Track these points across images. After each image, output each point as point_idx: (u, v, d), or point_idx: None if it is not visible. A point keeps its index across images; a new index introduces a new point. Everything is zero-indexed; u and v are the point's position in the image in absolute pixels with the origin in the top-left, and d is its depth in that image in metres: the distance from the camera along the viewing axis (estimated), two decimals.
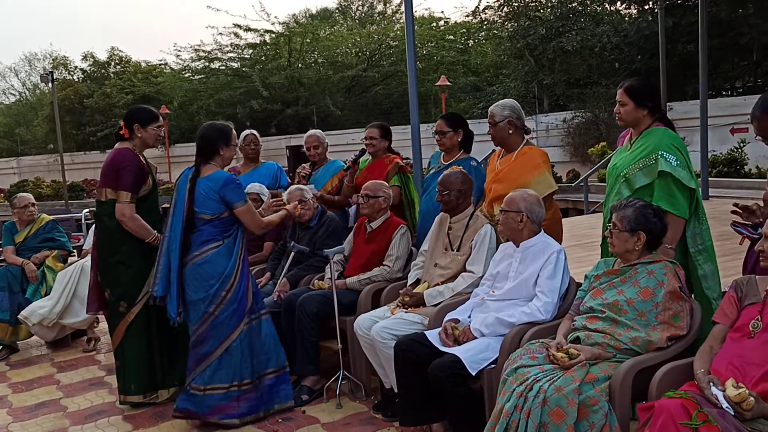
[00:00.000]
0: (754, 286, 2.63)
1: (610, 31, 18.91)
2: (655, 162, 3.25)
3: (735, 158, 13.38)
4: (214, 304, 3.77)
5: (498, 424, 2.73)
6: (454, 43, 28.47)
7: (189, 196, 3.74)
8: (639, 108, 3.36)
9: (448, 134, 4.43)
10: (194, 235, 3.76)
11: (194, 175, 3.80)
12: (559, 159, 17.50)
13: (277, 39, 26.82)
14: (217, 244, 3.78)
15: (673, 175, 3.19)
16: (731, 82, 20.47)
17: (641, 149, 3.35)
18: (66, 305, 5.61)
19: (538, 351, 2.99)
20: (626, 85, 3.42)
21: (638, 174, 3.32)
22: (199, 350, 3.82)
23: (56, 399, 4.59)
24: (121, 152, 4.12)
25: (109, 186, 4.09)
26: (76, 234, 9.80)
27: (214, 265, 3.76)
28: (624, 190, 3.38)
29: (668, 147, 3.26)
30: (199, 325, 3.80)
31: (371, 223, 4.48)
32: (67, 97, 28.51)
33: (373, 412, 3.94)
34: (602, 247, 3.58)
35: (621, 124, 3.52)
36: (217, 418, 3.83)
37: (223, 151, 3.87)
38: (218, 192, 3.73)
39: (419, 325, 3.70)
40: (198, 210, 3.75)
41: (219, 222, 3.78)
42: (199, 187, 3.76)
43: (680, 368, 2.68)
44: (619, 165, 3.47)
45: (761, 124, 2.69)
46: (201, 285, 3.75)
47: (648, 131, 3.38)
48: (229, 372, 3.81)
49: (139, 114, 4.20)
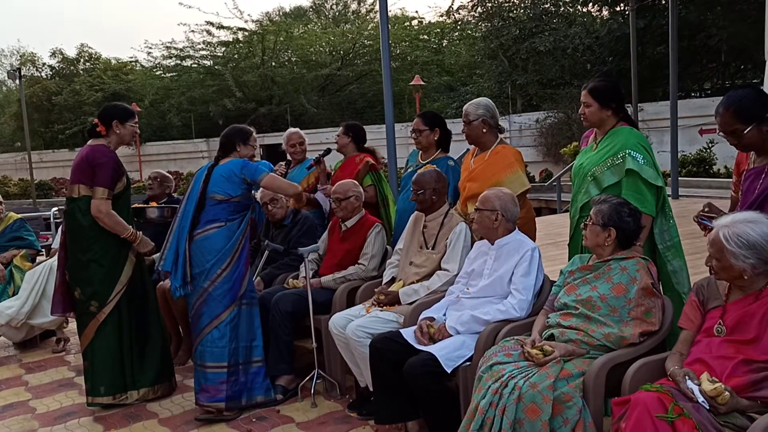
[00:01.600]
0: (714, 288, 2.66)
1: (582, 33, 19.16)
2: (622, 161, 3.30)
3: (704, 158, 13.64)
4: (209, 280, 3.93)
5: (473, 421, 2.74)
6: (428, 43, 28.60)
7: (205, 180, 4.01)
8: (603, 108, 3.42)
9: (424, 133, 4.44)
10: (202, 214, 3.98)
11: (212, 165, 4.10)
12: (532, 159, 17.66)
13: (250, 37, 26.68)
14: (220, 225, 3.96)
15: (640, 173, 3.24)
16: (700, 84, 20.86)
17: (608, 148, 3.39)
18: (34, 305, 5.52)
19: (513, 348, 3.00)
20: (590, 86, 3.46)
21: (606, 173, 3.36)
22: (198, 325, 3.99)
23: (24, 401, 4.50)
24: (97, 148, 4.07)
25: (83, 182, 4.02)
26: (44, 233, 9.66)
27: (213, 242, 3.94)
28: (592, 189, 3.42)
29: (635, 146, 3.31)
30: (197, 299, 3.98)
31: (346, 221, 4.47)
32: (35, 95, 28.04)
33: (348, 411, 3.92)
34: (570, 246, 3.62)
35: (586, 124, 3.58)
36: (204, 399, 3.94)
37: (240, 148, 4.12)
38: (239, 174, 3.97)
39: (394, 324, 3.69)
40: (211, 191, 3.98)
41: (227, 205, 3.98)
42: (219, 171, 4.02)
43: (653, 364, 2.71)
44: (585, 165, 3.51)
45: (723, 119, 2.73)
46: (200, 259, 3.95)
47: (613, 131, 3.43)
48: (216, 351, 3.94)
49: (118, 110, 4.18)
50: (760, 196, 2.72)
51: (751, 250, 2.41)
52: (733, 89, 2.81)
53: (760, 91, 2.78)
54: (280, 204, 4.75)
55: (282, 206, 4.76)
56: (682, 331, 2.71)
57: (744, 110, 2.68)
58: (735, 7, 16.92)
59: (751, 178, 2.81)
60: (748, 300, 2.50)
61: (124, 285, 4.09)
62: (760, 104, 2.68)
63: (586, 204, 3.45)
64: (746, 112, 2.67)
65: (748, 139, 2.70)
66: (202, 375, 3.97)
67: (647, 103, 16.46)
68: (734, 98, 2.72)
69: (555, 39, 19.25)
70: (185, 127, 27.37)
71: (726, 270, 2.49)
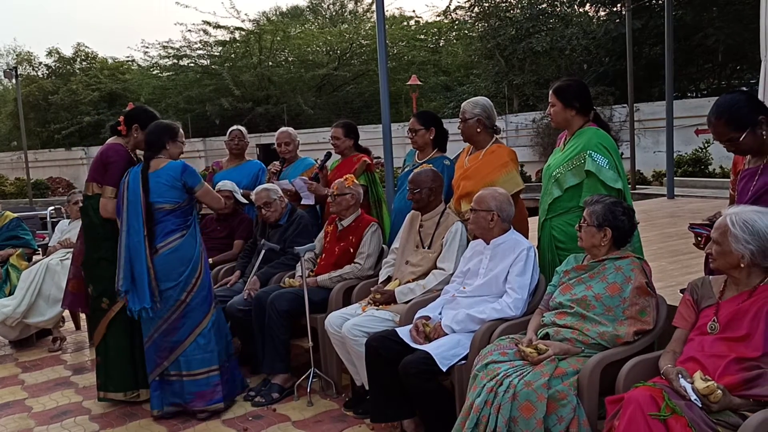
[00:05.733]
0: (708, 287, 2.68)
1: (578, 33, 19.16)
2: (583, 162, 3.31)
3: (700, 158, 13.66)
4: (186, 291, 3.89)
5: (468, 419, 2.76)
6: (425, 43, 28.57)
7: (144, 189, 3.83)
8: (566, 108, 3.44)
9: (420, 132, 4.45)
10: (158, 227, 3.86)
11: (144, 169, 3.90)
12: (529, 159, 17.67)
13: (247, 37, 26.61)
14: (183, 233, 3.91)
15: (598, 175, 3.25)
16: (696, 84, 20.91)
17: (572, 149, 3.42)
18: (31, 304, 5.52)
19: (508, 347, 3.02)
20: (555, 86, 3.49)
21: (568, 174, 3.39)
22: (171, 338, 3.90)
23: (21, 399, 4.50)
24: (112, 147, 4.09)
25: (96, 180, 4.06)
26: (41, 232, 9.63)
27: (184, 251, 3.89)
28: (555, 189, 3.44)
29: (596, 146, 3.33)
30: (171, 313, 3.89)
31: (342, 221, 4.47)
32: (32, 94, 27.91)
33: (344, 410, 3.93)
34: (539, 250, 3.62)
35: (553, 125, 3.60)
36: (203, 404, 3.92)
37: (169, 146, 4.01)
38: (180, 179, 3.87)
39: (390, 323, 3.70)
40: (156, 201, 3.84)
41: (180, 212, 3.91)
42: (157, 178, 3.86)
43: (647, 362, 2.73)
44: (552, 165, 3.54)
45: (716, 129, 2.74)
46: (172, 273, 3.86)
47: (580, 131, 3.46)
48: (206, 357, 3.93)
49: (141, 116, 4.18)
50: (754, 196, 2.73)
51: (753, 236, 2.44)
52: (722, 96, 2.81)
53: (749, 95, 2.80)
54: (273, 207, 4.75)
55: (276, 209, 4.76)
56: (676, 329, 2.73)
57: (736, 118, 2.68)
58: (731, 8, 16.96)
59: (746, 178, 2.83)
60: (741, 297, 2.52)
61: None
62: (750, 109, 2.69)
63: (552, 205, 3.47)
64: (739, 120, 2.68)
65: (745, 144, 2.71)
66: (192, 384, 3.92)
67: (643, 103, 16.48)
68: (724, 107, 2.71)
69: (552, 39, 19.25)
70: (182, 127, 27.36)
71: (724, 256, 2.51)
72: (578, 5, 20.68)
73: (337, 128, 5.07)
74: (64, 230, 6.24)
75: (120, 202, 3.91)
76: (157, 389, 3.96)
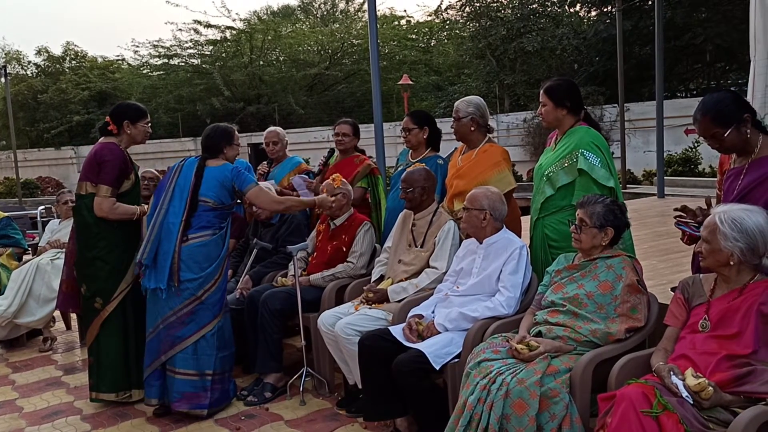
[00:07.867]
0: (699, 286, 2.70)
1: (569, 33, 19.24)
2: (576, 160, 3.33)
3: (689, 158, 13.75)
4: (203, 289, 3.89)
5: (461, 417, 2.77)
6: (416, 43, 28.58)
7: (195, 180, 3.89)
8: (557, 108, 3.46)
9: (413, 131, 4.45)
10: (194, 219, 3.89)
11: (201, 164, 3.96)
12: (520, 158, 17.71)
13: (238, 36, 26.55)
14: (215, 232, 3.95)
15: (590, 174, 3.27)
16: (686, 84, 21.04)
17: (564, 148, 3.43)
18: (21, 304, 5.49)
19: (501, 345, 3.03)
20: (546, 85, 3.51)
21: (560, 173, 3.40)
22: (175, 333, 3.88)
23: (11, 400, 4.48)
24: (106, 146, 4.06)
25: (89, 179, 4.03)
26: (31, 232, 9.58)
27: (210, 249, 3.92)
28: (547, 189, 3.46)
29: (588, 145, 3.34)
30: (183, 306, 3.88)
31: (334, 219, 4.47)
32: (21, 93, 27.71)
33: (336, 408, 3.94)
34: (531, 249, 3.63)
35: (545, 125, 3.62)
36: (186, 407, 3.88)
37: (227, 150, 4.07)
38: (232, 181, 3.93)
39: (383, 321, 3.71)
40: (204, 194, 3.90)
41: (220, 213, 3.96)
42: (211, 174, 3.92)
43: (639, 360, 2.74)
44: (543, 164, 3.56)
45: (702, 126, 2.76)
46: (197, 265, 3.87)
47: (571, 130, 3.48)
48: (203, 359, 3.90)
49: (129, 110, 4.16)
50: (739, 195, 2.76)
51: (742, 234, 2.46)
52: (708, 95, 2.84)
53: (734, 94, 2.83)
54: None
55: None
56: (668, 327, 2.75)
57: (721, 115, 2.71)
58: (720, 8, 17.07)
59: (731, 178, 2.85)
60: (732, 295, 2.54)
61: (129, 283, 4.08)
62: (735, 106, 2.72)
63: (545, 204, 3.49)
64: (724, 117, 2.70)
65: (730, 141, 2.73)
66: (183, 383, 3.89)
67: (633, 103, 16.57)
68: (710, 104, 2.74)
69: (543, 39, 19.32)
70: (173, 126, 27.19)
71: (714, 254, 2.53)
72: (569, 5, 20.77)
73: (345, 125, 4.97)
74: (54, 230, 6.21)
75: (165, 183, 3.97)
76: (158, 378, 3.95)
